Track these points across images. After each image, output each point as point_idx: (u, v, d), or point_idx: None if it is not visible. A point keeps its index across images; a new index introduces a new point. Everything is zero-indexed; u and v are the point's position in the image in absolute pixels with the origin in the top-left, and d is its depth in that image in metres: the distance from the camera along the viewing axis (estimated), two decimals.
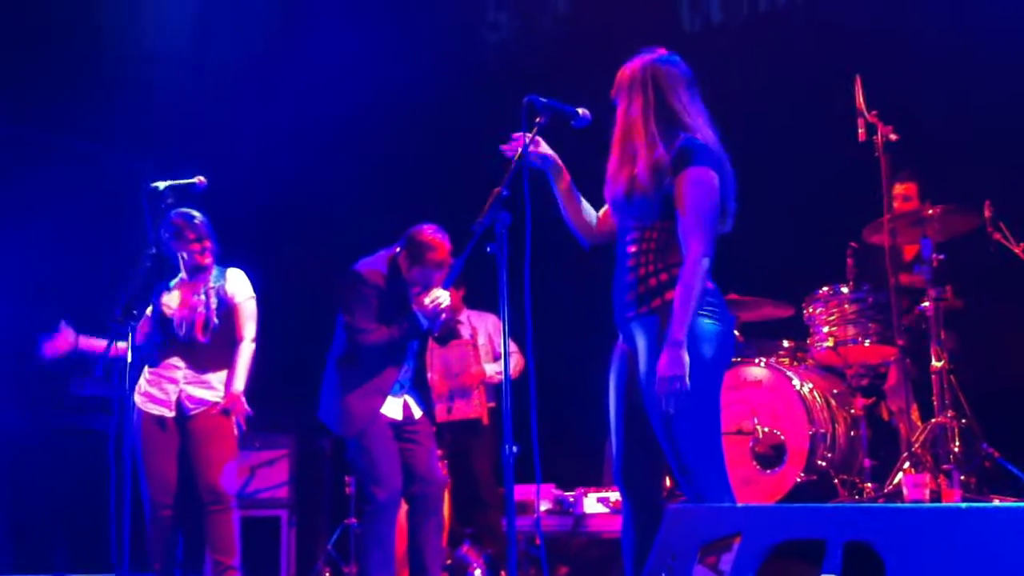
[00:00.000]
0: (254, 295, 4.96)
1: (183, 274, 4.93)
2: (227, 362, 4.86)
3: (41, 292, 7.15)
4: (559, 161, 3.46)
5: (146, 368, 4.84)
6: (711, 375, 3.14)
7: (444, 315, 4.70)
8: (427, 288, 4.67)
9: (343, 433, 4.68)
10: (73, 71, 7.27)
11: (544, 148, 3.44)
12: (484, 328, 6.80)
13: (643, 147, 3.21)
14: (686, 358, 3.02)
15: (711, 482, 3.09)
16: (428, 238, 4.69)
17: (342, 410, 4.68)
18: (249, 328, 4.90)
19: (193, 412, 4.77)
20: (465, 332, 6.78)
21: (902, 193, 5.77)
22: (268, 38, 7.82)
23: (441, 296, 4.63)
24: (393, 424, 4.72)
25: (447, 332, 4.93)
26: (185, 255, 4.87)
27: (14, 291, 7.10)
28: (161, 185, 4.36)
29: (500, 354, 5.82)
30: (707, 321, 3.12)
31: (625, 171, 3.24)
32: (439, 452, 6.37)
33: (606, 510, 5.39)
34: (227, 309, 4.86)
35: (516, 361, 6.36)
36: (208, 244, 4.89)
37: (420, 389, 4.87)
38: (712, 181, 3.14)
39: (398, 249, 4.78)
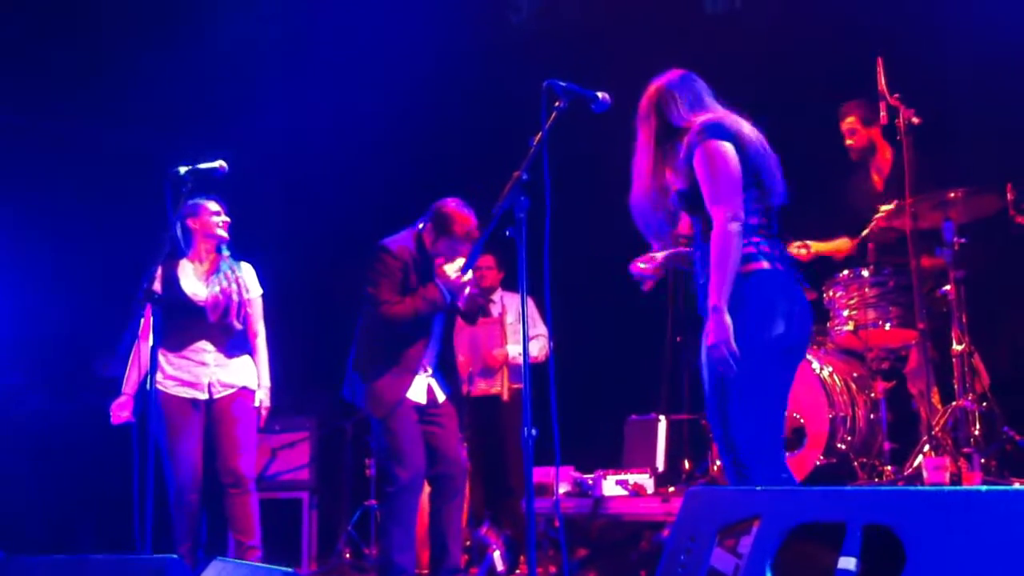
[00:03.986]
0: (263, 291, 5.13)
1: (193, 255, 4.97)
2: (246, 348, 5.00)
3: (63, 277, 7.21)
4: (677, 252, 3.59)
5: (164, 352, 4.86)
6: (758, 353, 3.16)
7: (468, 289, 4.72)
8: (452, 260, 4.71)
9: (372, 414, 4.71)
10: (98, 59, 7.30)
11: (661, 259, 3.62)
12: (515, 308, 6.79)
13: (663, 167, 3.33)
14: (729, 321, 3.08)
15: (754, 464, 3.12)
16: (453, 210, 4.75)
17: (370, 391, 4.70)
18: (261, 325, 5.09)
19: (219, 396, 4.83)
20: (495, 311, 6.80)
21: (847, 128, 5.72)
22: (292, 20, 7.82)
23: (465, 274, 4.65)
24: (417, 407, 4.74)
25: (473, 309, 4.94)
26: (203, 230, 4.94)
27: (37, 277, 7.15)
28: (182, 170, 4.38)
29: (529, 336, 5.83)
30: (761, 300, 3.16)
31: (660, 199, 3.36)
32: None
33: (625, 492, 5.39)
34: (248, 299, 5.00)
35: (543, 345, 6.36)
36: (227, 220, 5.00)
37: (445, 372, 4.89)
38: (719, 148, 3.20)
39: (422, 225, 4.81)
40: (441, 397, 4.83)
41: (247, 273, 5.07)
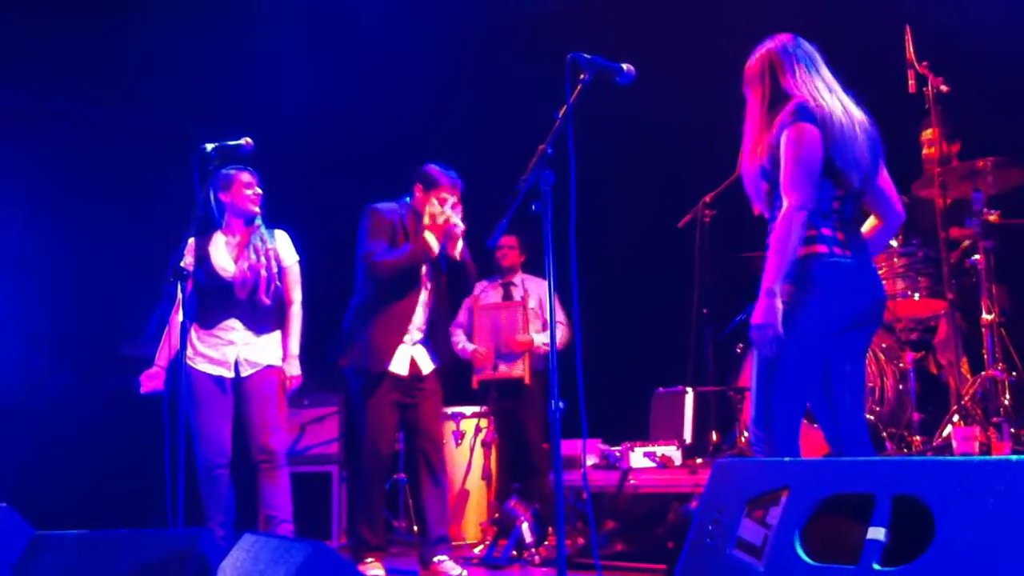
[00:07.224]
0: (299, 258, 5.07)
1: (227, 229, 4.97)
2: (279, 323, 4.98)
3: (89, 258, 7.25)
4: None
5: (196, 328, 4.90)
6: (805, 335, 3.18)
7: (457, 236, 4.83)
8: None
9: (370, 368, 4.86)
10: (118, 41, 7.31)
11: None
12: (536, 292, 6.81)
13: (763, 136, 3.31)
14: (779, 306, 3.10)
15: (783, 441, 3.17)
16: (434, 167, 4.97)
17: (367, 347, 4.87)
18: (297, 292, 5.03)
19: (246, 374, 4.84)
20: (517, 294, 6.81)
21: (928, 139, 5.60)
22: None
23: (452, 216, 4.79)
24: (399, 380, 4.90)
25: (462, 271, 4.98)
26: (235, 204, 4.94)
27: (63, 258, 7.20)
28: (209, 146, 4.40)
29: (547, 321, 5.87)
30: (814, 284, 3.17)
31: (755, 163, 3.33)
32: (484, 408, 6.44)
33: (652, 464, 5.40)
34: (280, 272, 4.97)
35: (563, 332, 6.38)
36: (259, 192, 4.98)
37: (434, 342, 5.02)
38: (801, 134, 3.19)
39: (408, 199, 5.01)
40: (426, 369, 4.96)
41: (281, 242, 5.03)
